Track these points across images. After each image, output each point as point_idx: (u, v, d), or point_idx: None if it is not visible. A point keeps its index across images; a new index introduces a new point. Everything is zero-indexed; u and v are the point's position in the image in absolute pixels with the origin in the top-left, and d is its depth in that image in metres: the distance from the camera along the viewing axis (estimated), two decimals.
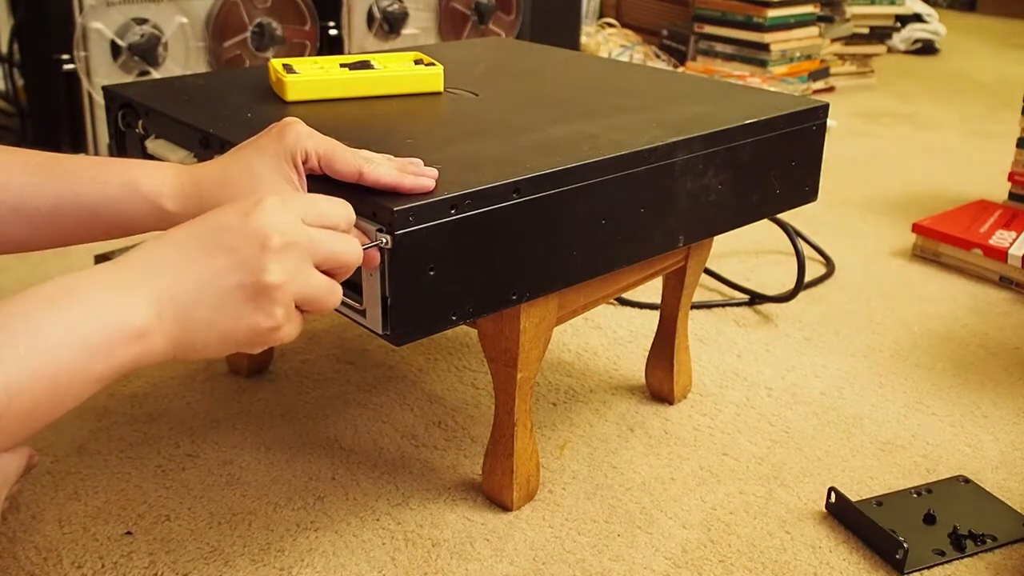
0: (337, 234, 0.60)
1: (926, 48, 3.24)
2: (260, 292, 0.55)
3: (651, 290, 1.30)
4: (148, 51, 1.46)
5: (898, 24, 3.03)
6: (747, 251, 1.48)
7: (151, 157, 0.88)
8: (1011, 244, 1.37)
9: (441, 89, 0.94)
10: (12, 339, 0.48)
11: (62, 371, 0.49)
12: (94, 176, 0.67)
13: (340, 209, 0.61)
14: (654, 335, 1.04)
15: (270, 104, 0.88)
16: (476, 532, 0.84)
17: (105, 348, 0.51)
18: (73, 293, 0.51)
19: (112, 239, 0.69)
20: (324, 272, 0.59)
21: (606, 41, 2.65)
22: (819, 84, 2.59)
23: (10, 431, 0.48)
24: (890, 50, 3.18)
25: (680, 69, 2.54)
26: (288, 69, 0.90)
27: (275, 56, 1.70)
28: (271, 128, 0.68)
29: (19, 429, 0.49)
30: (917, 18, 3.21)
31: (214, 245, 0.55)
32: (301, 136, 0.66)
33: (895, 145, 2.12)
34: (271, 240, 0.55)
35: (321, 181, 0.68)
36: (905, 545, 0.80)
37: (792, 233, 1.33)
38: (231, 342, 0.56)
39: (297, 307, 0.58)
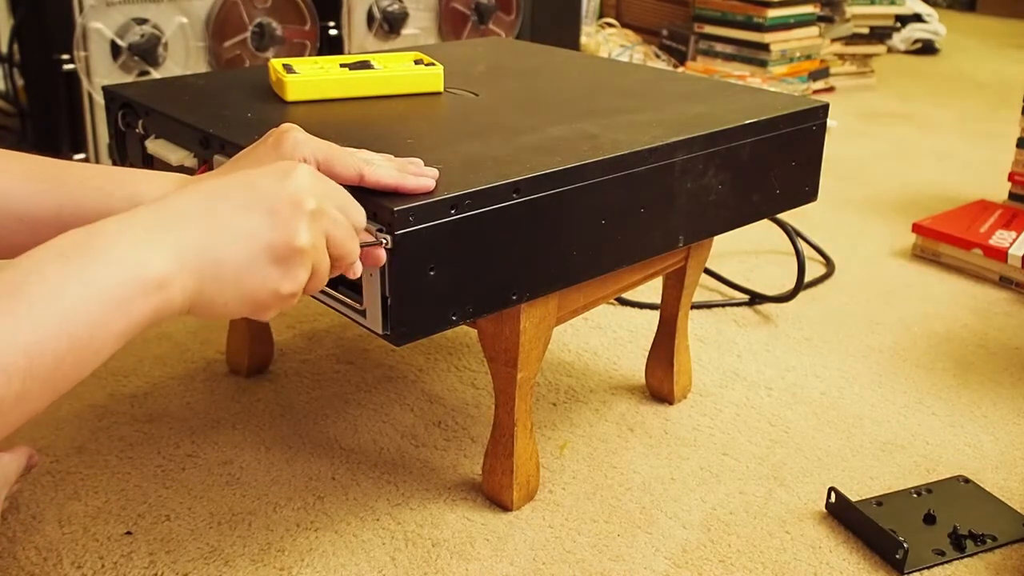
0: (350, 225, 0.60)
1: (926, 48, 3.24)
2: (290, 254, 0.55)
3: (651, 290, 1.30)
4: (148, 51, 1.46)
5: (898, 24, 3.03)
6: (747, 251, 1.48)
7: (151, 157, 0.88)
8: (1011, 244, 1.37)
9: (441, 89, 0.94)
10: (28, 300, 0.47)
11: (81, 329, 0.49)
12: (98, 187, 0.66)
13: (359, 208, 0.62)
14: (654, 335, 1.04)
15: (270, 104, 0.88)
16: (476, 532, 0.84)
17: (124, 302, 0.50)
18: (87, 248, 0.50)
19: None
20: None
21: (606, 41, 2.65)
22: (819, 84, 2.59)
23: (33, 395, 0.47)
24: (890, 50, 3.18)
25: (680, 69, 2.54)
26: (288, 69, 0.90)
27: (275, 56, 1.70)
28: (268, 137, 0.67)
29: (41, 393, 0.48)
30: (917, 18, 3.21)
31: (249, 202, 0.55)
32: (298, 143, 0.66)
33: (895, 145, 2.12)
34: (306, 203, 0.56)
35: None
36: (905, 545, 0.80)
37: (792, 233, 1.33)
38: (248, 303, 0.56)
39: None
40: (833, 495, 0.87)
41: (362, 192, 0.66)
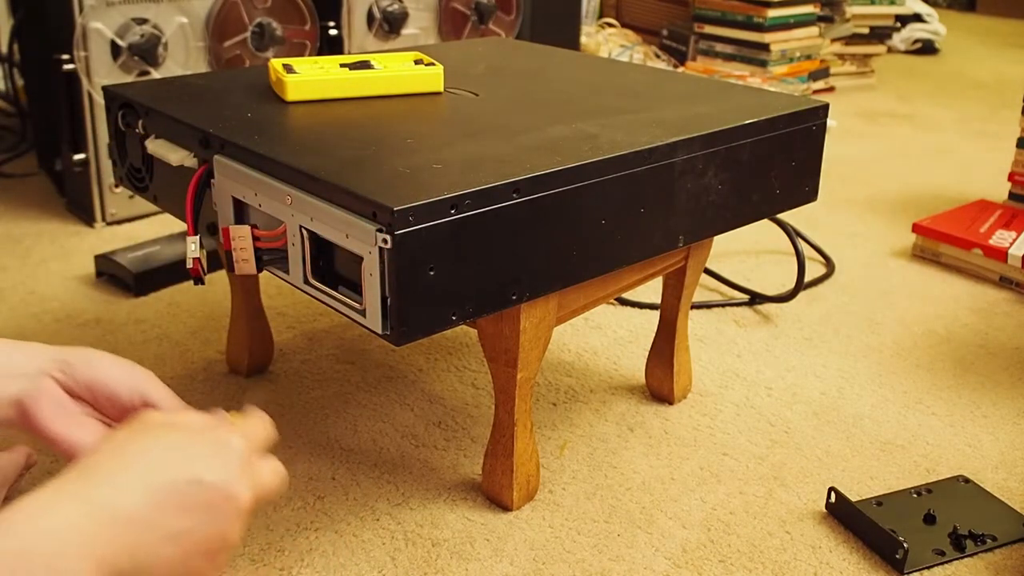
0: (276, 470, 0.61)
1: (926, 48, 3.24)
2: (220, 550, 0.57)
3: (651, 290, 1.30)
4: (148, 51, 1.46)
5: (898, 24, 3.03)
6: (747, 251, 1.48)
7: (151, 157, 0.88)
8: (1011, 244, 1.37)
9: (441, 89, 0.94)
10: None
11: None
12: None
13: (267, 433, 0.63)
14: (654, 335, 1.04)
15: (270, 104, 0.88)
16: (476, 532, 0.84)
17: None
18: (25, 561, 0.50)
19: None
20: None
21: (606, 41, 2.64)
22: (819, 84, 2.59)
23: None
24: (890, 50, 3.18)
25: (680, 69, 2.54)
26: (288, 69, 0.90)
27: (275, 56, 1.70)
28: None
29: None
30: (917, 18, 3.21)
31: (188, 502, 0.55)
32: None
33: (895, 145, 2.12)
34: (243, 504, 0.57)
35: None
36: (905, 545, 0.80)
37: (792, 233, 1.33)
38: None
39: None
40: (833, 495, 0.87)
41: (361, 192, 0.65)
